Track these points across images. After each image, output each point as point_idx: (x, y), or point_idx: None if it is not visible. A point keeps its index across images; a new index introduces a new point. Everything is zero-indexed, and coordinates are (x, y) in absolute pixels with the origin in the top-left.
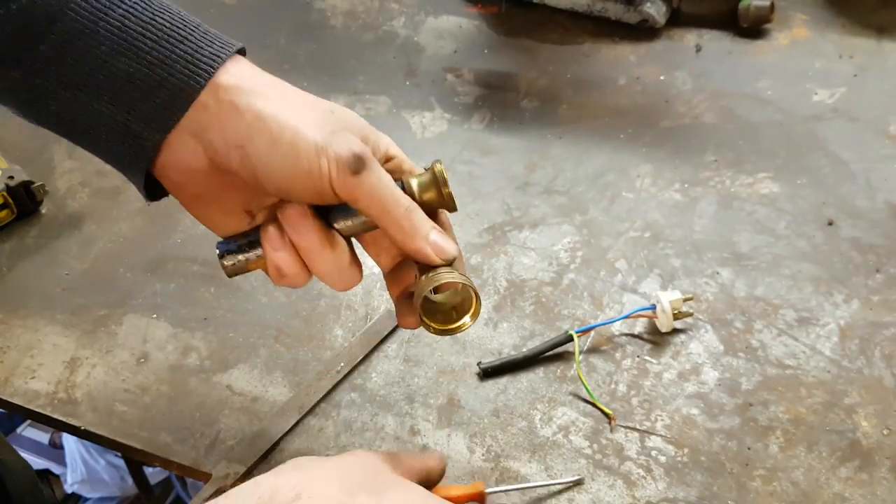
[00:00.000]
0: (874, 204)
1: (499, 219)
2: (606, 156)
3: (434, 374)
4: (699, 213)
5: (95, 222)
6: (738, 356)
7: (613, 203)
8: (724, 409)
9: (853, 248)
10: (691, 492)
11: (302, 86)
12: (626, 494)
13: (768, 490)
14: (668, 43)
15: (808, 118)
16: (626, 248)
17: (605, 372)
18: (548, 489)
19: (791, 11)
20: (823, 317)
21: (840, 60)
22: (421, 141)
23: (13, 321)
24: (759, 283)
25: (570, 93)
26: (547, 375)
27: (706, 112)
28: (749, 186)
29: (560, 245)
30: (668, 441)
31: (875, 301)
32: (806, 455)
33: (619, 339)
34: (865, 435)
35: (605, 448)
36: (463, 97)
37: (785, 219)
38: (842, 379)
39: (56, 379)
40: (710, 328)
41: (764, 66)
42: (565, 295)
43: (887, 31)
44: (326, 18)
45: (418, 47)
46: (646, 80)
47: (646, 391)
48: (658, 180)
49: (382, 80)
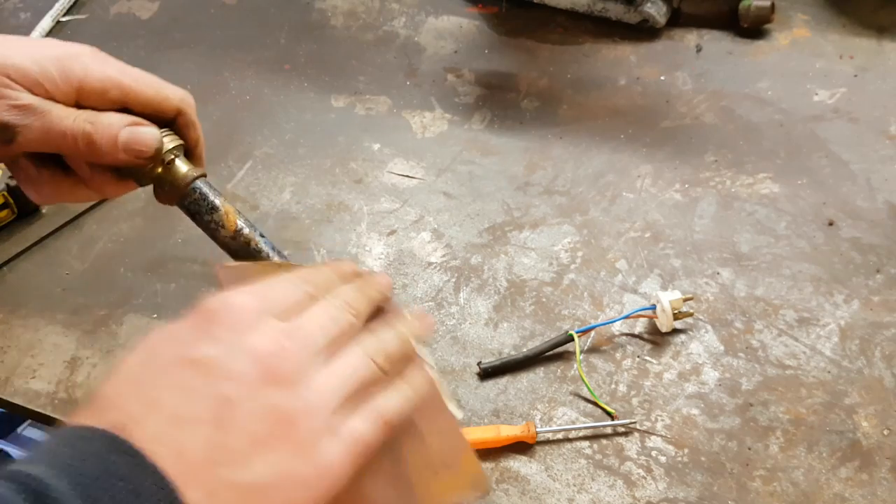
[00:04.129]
0: (874, 204)
1: (499, 219)
2: (607, 156)
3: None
4: (699, 214)
5: (96, 222)
6: (739, 356)
7: (614, 203)
8: (724, 409)
9: (853, 248)
10: (691, 492)
11: (303, 86)
12: (627, 494)
13: (768, 490)
14: (669, 43)
15: (809, 118)
16: (627, 249)
17: (606, 372)
18: (593, 430)
19: (791, 12)
20: (824, 317)
21: (840, 61)
22: (421, 141)
23: (13, 321)
24: (760, 283)
25: (570, 93)
26: (547, 375)
27: (706, 112)
28: (749, 187)
29: (560, 245)
30: (669, 441)
31: (875, 301)
32: (806, 455)
33: (620, 340)
34: (865, 435)
35: (606, 448)
36: (463, 97)
37: (785, 219)
38: (842, 379)
39: (57, 379)
40: (710, 328)
41: (764, 67)
42: (565, 295)
43: (888, 32)
44: (327, 18)
45: (419, 47)
46: (646, 80)
47: (646, 391)
48: (658, 180)
49: (383, 81)
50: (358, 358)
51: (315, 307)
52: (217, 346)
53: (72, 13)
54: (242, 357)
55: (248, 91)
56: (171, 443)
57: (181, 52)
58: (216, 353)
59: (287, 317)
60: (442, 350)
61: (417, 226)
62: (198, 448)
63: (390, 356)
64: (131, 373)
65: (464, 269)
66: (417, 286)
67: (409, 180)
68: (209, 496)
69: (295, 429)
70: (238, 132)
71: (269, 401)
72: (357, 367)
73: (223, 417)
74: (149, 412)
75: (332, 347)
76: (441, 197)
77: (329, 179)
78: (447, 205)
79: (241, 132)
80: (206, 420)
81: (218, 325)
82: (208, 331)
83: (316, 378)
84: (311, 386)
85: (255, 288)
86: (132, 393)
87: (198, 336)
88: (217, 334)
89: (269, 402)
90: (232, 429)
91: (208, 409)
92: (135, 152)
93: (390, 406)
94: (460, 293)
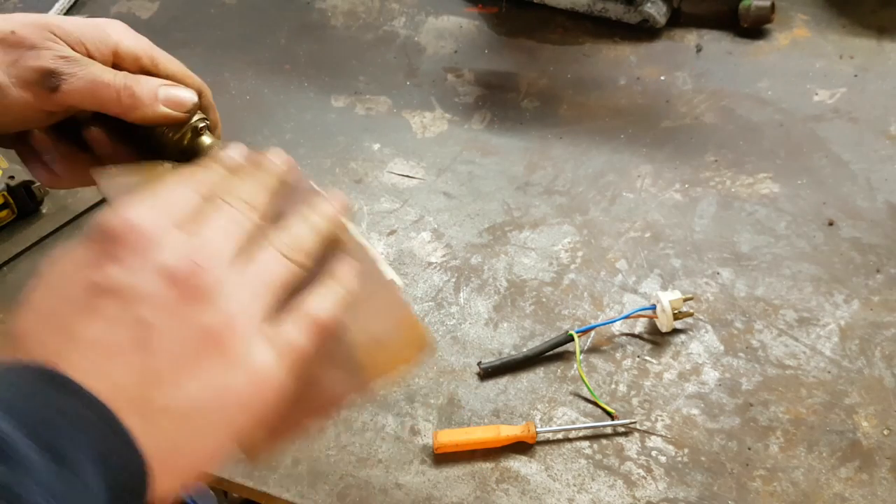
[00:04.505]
0: (874, 204)
1: (499, 219)
2: (607, 156)
3: (434, 374)
4: (699, 214)
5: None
6: (739, 356)
7: (614, 203)
8: (724, 409)
9: (853, 248)
10: (691, 492)
11: (303, 86)
12: (627, 494)
13: (768, 490)
14: (669, 43)
15: (809, 118)
16: (627, 249)
17: (606, 372)
18: (593, 430)
19: (791, 12)
20: (824, 317)
21: (840, 61)
22: (421, 141)
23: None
24: (760, 283)
25: (570, 93)
26: (547, 375)
27: (706, 112)
28: (749, 187)
29: (560, 245)
30: (669, 441)
31: (875, 301)
32: (806, 455)
33: (620, 340)
34: (866, 435)
35: (606, 448)
36: (463, 97)
37: (785, 219)
38: (842, 379)
39: None
40: (710, 328)
41: (764, 67)
42: (565, 295)
43: (888, 32)
44: (327, 18)
45: (419, 47)
46: (646, 80)
47: (646, 391)
48: (658, 180)
49: (383, 81)
50: (273, 259)
51: (214, 213)
52: (124, 269)
53: (71, 13)
54: (153, 278)
55: (248, 91)
56: (100, 373)
57: (181, 51)
58: (125, 278)
59: (188, 228)
60: (442, 350)
61: (417, 226)
62: (127, 375)
63: (308, 251)
64: (43, 305)
65: (464, 269)
66: (417, 286)
67: (409, 180)
68: (147, 421)
69: (222, 344)
70: (238, 132)
71: (190, 319)
72: (274, 269)
73: (146, 341)
74: (71, 345)
75: (243, 254)
76: (441, 197)
77: (329, 179)
78: (447, 205)
79: (242, 132)
80: (129, 347)
81: (121, 246)
82: (112, 253)
83: (234, 289)
84: (231, 297)
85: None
86: (48, 326)
87: (102, 260)
88: (122, 256)
89: (191, 321)
90: (157, 352)
91: (128, 336)
92: (174, 104)
93: (321, 307)
94: (460, 293)
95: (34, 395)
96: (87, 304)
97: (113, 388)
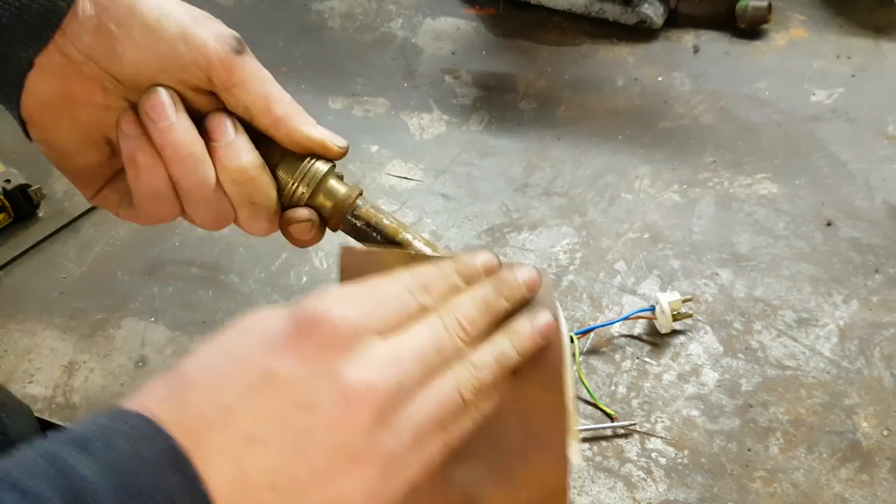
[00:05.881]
0: (873, 204)
1: (498, 220)
2: (605, 157)
3: None
4: (698, 214)
5: (93, 225)
6: (738, 357)
7: (612, 204)
8: (724, 410)
9: (852, 248)
10: (692, 493)
11: (300, 87)
12: (627, 496)
13: (769, 491)
14: (666, 44)
15: (807, 119)
16: (626, 250)
17: (605, 374)
18: (593, 432)
19: (788, 12)
20: (823, 317)
21: (838, 61)
22: (419, 142)
23: (11, 325)
24: (759, 283)
25: (568, 94)
26: None
27: (704, 113)
28: (748, 187)
29: (559, 247)
30: (669, 443)
31: (874, 301)
32: (806, 456)
33: (619, 341)
34: (865, 436)
35: (605, 450)
36: (461, 99)
37: (784, 219)
38: (841, 380)
39: (54, 383)
40: (709, 329)
41: (762, 67)
42: (564, 296)
43: (885, 32)
44: (324, 20)
45: (416, 49)
46: (644, 81)
47: (646, 393)
48: (657, 181)
49: (381, 82)
50: (447, 394)
51: (421, 325)
52: (306, 368)
53: None
54: (328, 386)
55: None
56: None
57: None
58: (302, 375)
59: (390, 332)
60: None
61: (416, 227)
62: (260, 473)
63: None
64: (214, 362)
65: None
66: None
67: (408, 182)
68: None
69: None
70: None
71: (343, 439)
72: (442, 403)
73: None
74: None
75: (425, 378)
76: (439, 198)
77: None
78: (445, 206)
79: None
80: (278, 448)
81: (313, 341)
82: (300, 345)
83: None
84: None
85: (362, 294)
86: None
87: (289, 348)
88: (307, 351)
89: (343, 441)
90: (300, 459)
91: (281, 437)
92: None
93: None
94: None
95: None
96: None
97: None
